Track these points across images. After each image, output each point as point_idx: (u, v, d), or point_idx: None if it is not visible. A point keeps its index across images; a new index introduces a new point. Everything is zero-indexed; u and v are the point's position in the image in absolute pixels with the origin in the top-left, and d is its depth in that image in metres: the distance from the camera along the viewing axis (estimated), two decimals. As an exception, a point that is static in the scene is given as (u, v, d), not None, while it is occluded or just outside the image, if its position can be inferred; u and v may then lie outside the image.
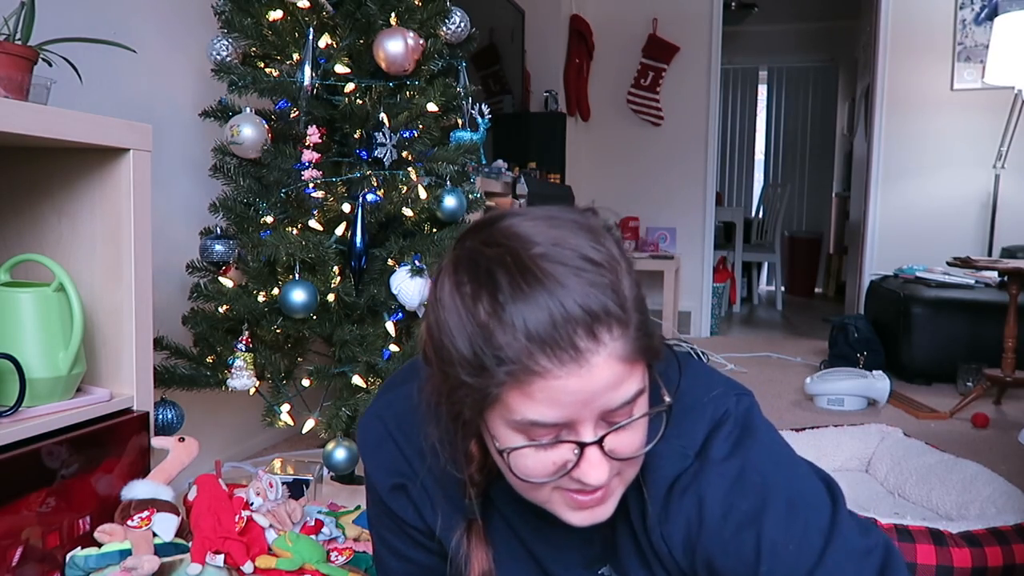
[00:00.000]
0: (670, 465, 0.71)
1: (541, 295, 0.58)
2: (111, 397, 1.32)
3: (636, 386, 0.62)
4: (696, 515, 0.70)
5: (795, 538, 0.67)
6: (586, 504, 0.66)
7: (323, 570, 1.27)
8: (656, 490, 0.72)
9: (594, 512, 0.67)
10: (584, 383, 0.59)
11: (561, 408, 0.60)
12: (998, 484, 1.79)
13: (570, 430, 0.62)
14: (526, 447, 0.63)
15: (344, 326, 1.81)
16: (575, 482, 0.64)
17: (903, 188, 4.48)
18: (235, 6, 1.79)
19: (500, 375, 0.59)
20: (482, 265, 0.61)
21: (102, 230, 1.34)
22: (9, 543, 1.10)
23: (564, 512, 0.67)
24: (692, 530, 0.70)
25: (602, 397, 0.60)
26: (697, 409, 0.73)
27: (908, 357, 3.51)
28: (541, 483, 0.65)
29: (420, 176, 1.86)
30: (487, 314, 0.59)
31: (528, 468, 0.64)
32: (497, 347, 0.59)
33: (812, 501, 0.70)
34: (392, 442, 0.82)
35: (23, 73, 1.18)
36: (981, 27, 4.24)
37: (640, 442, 0.65)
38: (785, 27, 7.55)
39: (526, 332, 0.58)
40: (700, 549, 0.70)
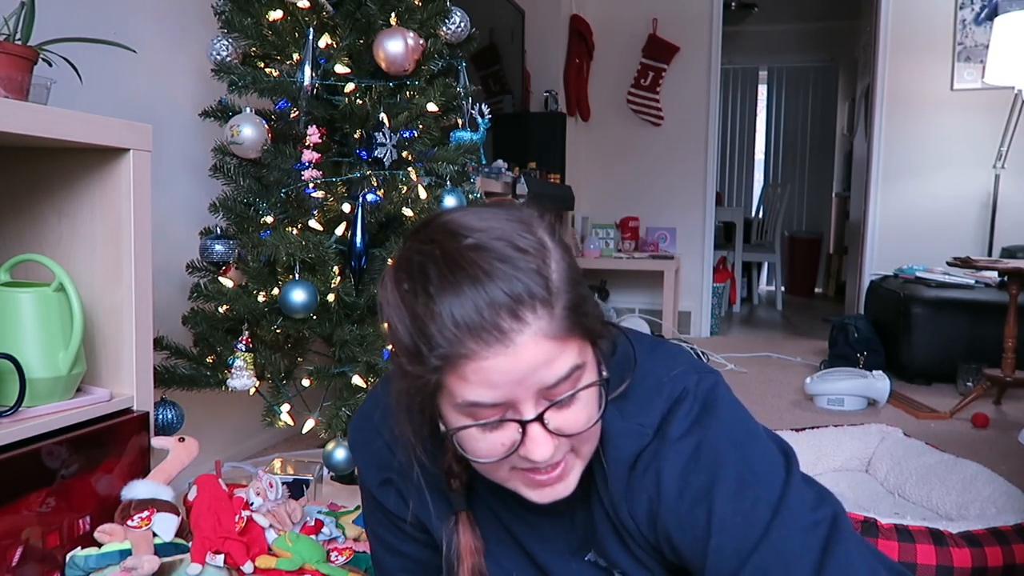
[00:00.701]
0: (629, 443, 0.73)
1: (466, 284, 0.62)
2: (111, 397, 1.32)
3: (570, 362, 0.64)
4: (655, 492, 0.72)
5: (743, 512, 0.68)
6: (543, 483, 0.69)
7: (323, 570, 1.27)
8: (617, 468, 0.74)
9: (555, 489, 0.69)
10: (512, 362, 0.62)
11: (496, 388, 0.63)
12: (998, 484, 1.79)
13: (513, 410, 0.65)
14: (473, 427, 0.65)
15: (344, 326, 1.81)
16: (526, 460, 0.66)
17: (903, 188, 4.48)
18: (235, 6, 1.79)
19: (434, 361, 0.62)
20: (415, 262, 0.65)
21: (102, 230, 1.34)
22: (9, 543, 1.10)
23: (525, 491, 0.70)
24: (653, 506, 0.72)
25: (535, 375, 0.63)
26: (657, 388, 0.74)
27: (908, 357, 3.51)
28: (495, 463, 0.67)
29: (420, 176, 1.86)
30: (421, 306, 0.63)
31: (479, 450, 0.67)
32: (430, 336, 0.62)
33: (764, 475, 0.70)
34: (380, 438, 0.84)
35: (23, 73, 1.18)
36: (981, 27, 4.24)
37: (585, 418, 0.67)
38: (785, 27, 7.55)
39: (452, 319, 0.61)
40: (660, 525, 0.72)
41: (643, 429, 0.73)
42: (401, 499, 0.84)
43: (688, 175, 4.91)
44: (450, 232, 0.65)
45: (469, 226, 0.65)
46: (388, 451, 0.83)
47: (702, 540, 0.69)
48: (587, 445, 0.70)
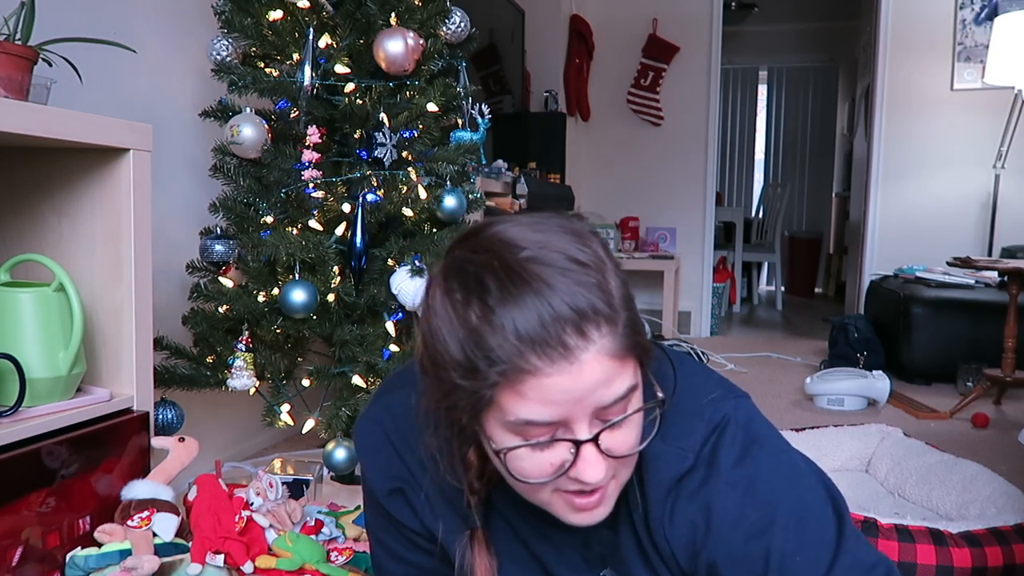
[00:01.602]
0: (670, 466, 0.72)
1: (529, 296, 0.60)
2: (111, 397, 1.32)
3: (628, 382, 0.63)
4: (703, 521, 0.71)
5: (803, 551, 0.68)
6: (585, 506, 0.67)
7: (323, 570, 1.27)
8: (657, 491, 0.73)
9: (593, 513, 0.68)
10: (575, 380, 0.60)
11: (554, 406, 0.61)
12: (998, 484, 1.79)
13: (565, 429, 0.63)
14: (522, 447, 0.63)
15: (344, 326, 1.81)
16: (574, 482, 0.64)
17: (903, 188, 4.48)
18: (235, 6, 1.79)
19: (493, 376, 0.60)
20: (470, 271, 0.62)
21: (102, 230, 1.34)
22: (9, 543, 1.10)
23: (564, 513, 0.68)
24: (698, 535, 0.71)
25: (594, 394, 0.61)
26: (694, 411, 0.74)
27: (908, 357, 3.51)
28: (541, 484, 0.65)
29: (420, 176, 1.86)
30: (477, 318, 0.60)
31: (526, 470, 0.64)
32: (488, 349, 0.60)
33: (819, 516, 0.71)
34: (391, 446, 0.82)
35: (23, 73, 1.18)
36: (981, 27, 4.24)
37: (635, 440, 0.66)
38: (785, 27, 7.55)
39: (516, 333, 0.59)
40: (705, 554, 0.71)
41: (684, 453, 0.72)
42: (410, 509, 0.83)
43: (688, 175, 4.91)
44: (505, 243, 0.62)
45: (524, 238, 0.63)
46: (399, 460, 0.81)
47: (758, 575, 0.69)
48: (626, 469, 0.69)
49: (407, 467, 0.81)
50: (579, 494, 0.66)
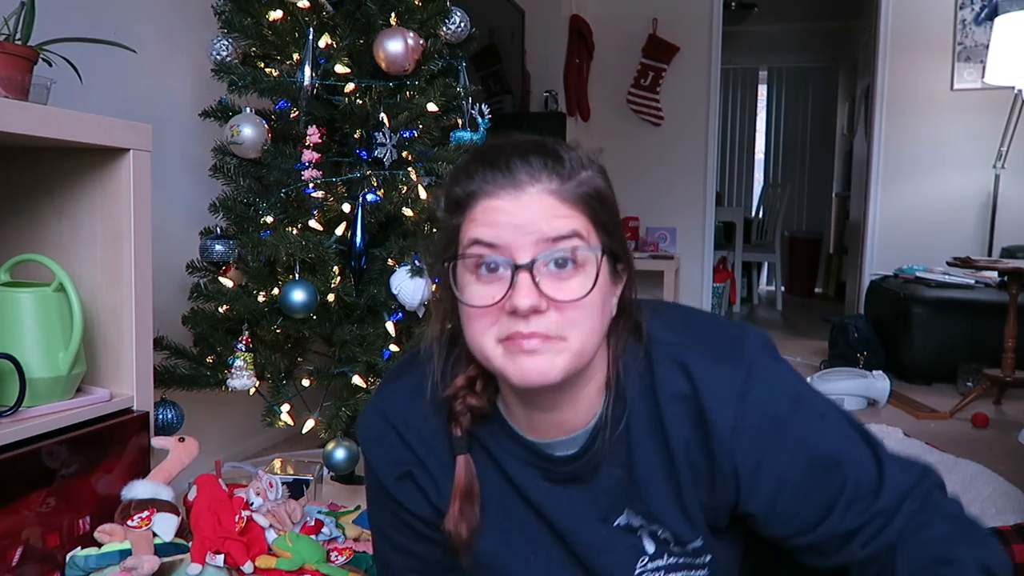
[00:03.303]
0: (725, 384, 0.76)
1: (504, 146, 0.73)
2: (111, 397, 1.32)
3: (571, 226, 0.70)
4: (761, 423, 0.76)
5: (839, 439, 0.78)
6: (525, 348, 0.69)
7: (323, 570, 1.27)
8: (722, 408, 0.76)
9: (532, 360, 0.70)
10: (516, 205, 0.70)
11: (498, 228, 0.70)
12: (998, 484, 1.79)
13: (508, 256, 0.70)
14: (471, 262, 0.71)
15: (344, 326, 1.81)
16: (512, 320, 0.69)
17: (903, 188, 4.48)
18: (235, 6, 1.79)
19: (459, 194, 0.73)
20: None
21: (102, 230, 1.34)
22: (9, 543, 1.10)
23: (507, 365, 0.71)
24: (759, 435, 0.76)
25: (534, 224, 0.69)
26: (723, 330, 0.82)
27: (908, 357, 3.51)
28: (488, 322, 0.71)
29: (420, 176, 1.86)
30: (460, 169, 0.75)
31: (473, 295, 0.71)
32: (463, 184, 0.73)
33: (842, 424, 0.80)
34: (394, 432, 0.85)
35: (23, 73, 1.18)
36: (981, 27, 4.24)
37: (577, 290, 0.70)
38: (785, 27, 7.54)
39: (479, 167, 0.72)
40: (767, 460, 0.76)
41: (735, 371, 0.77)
42: (419, 492, 0.84)
43: (688, 175, 4.91)
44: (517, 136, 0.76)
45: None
46: (403, 444, 0.84)
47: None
48: (578, 334, 0.71)
49: (412, 449, 0.84)
50: (518, 335, 0.69)
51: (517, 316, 0.69)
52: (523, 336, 0.69)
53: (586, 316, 0.71)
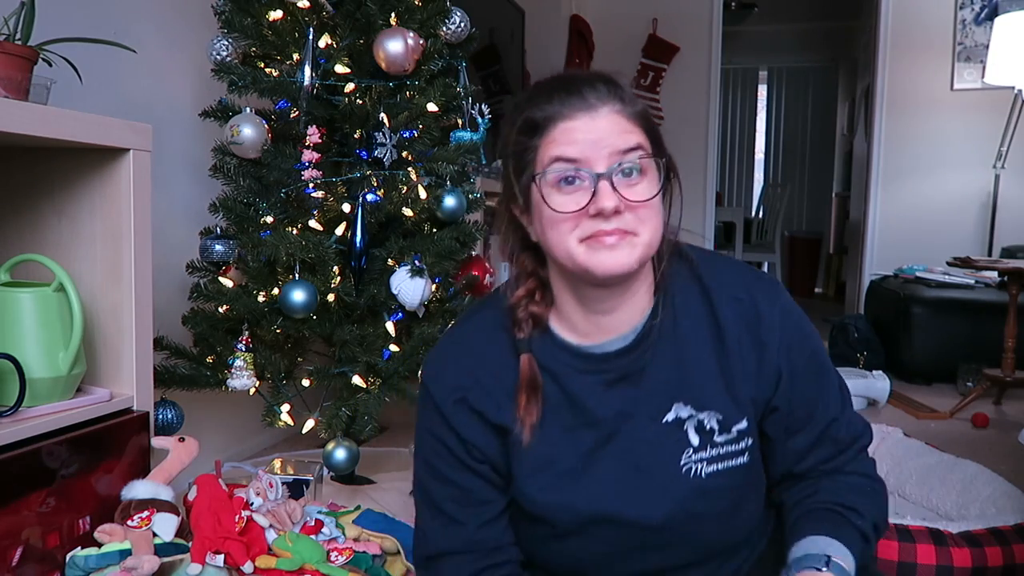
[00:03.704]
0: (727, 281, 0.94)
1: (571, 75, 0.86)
2: (111, 397, 1.32)
3: (635, 140, 0.82)
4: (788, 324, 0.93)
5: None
6: (607, 243, 0.81)
7: (323, 570, 1.27)
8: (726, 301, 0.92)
9: (613, 253, 0.81)
10: (592, 123, 0.81)
11: (576, 144, 0.81)
12: (998, 484, 1.79)
13: (587, 166, 0.81)
14: (555, 177, 0.82)
15: (344, 326, 1.81)
16: (596, 220, 0.81)
17: (903, 188, 4.48)
18: (235, 6, 1.79)
19: (539, 121, 0.83)
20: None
21: (102, 230, 1.34)
22: (9, 543, 1.10)
23: (590, 258, 0.82)
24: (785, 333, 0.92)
25: (608, 139, 0.81)
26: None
27: (908, 357, 3.51)
28: (571, 224, 0.82)
29: (420, 176, 1.86)
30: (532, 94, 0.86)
31: (558, 202, 0.82)
32: (535, 108, 0.83)
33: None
34: (455, 362, 0.94)
35: (23, 73, 1.18)
36: (981, 27, 4.24)
37: (646, 193, 0.82)
38: (785, 27, 7.54)
39: (553, 92, 0.83)
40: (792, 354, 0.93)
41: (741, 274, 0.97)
42: (474, 415, 0.92)
43: (688, 175, 4.87)
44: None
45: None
46: (462, 370, 0.93)
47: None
48: (648, 230, 0.83)
49: (471, 375, 0.92)
50: (602, 232, 0.81)
51: (600, 217, 0.80)
52: (606, 233, 0.81)
53: (652, 215, 0.83)
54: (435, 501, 0.96)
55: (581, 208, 0.81)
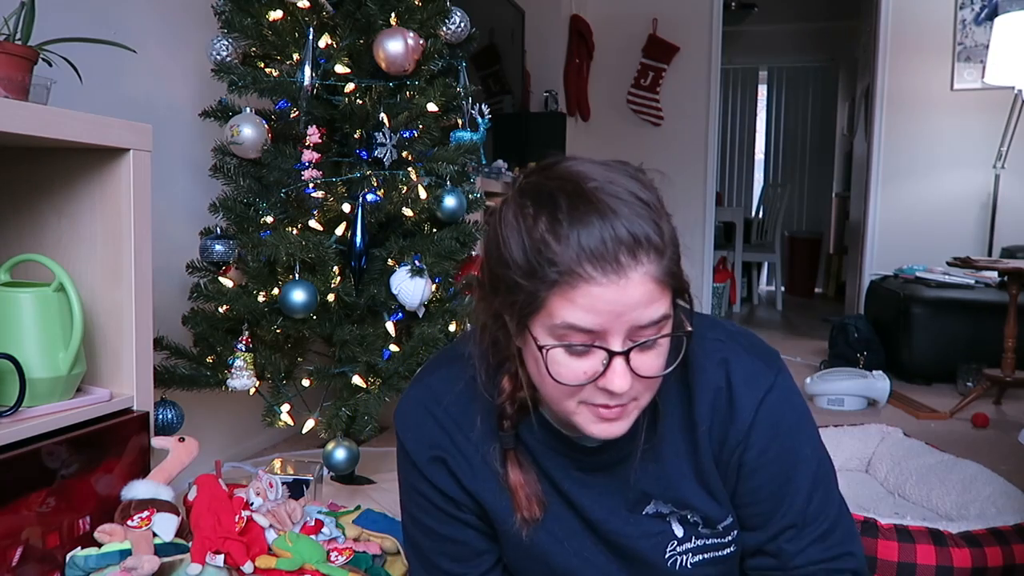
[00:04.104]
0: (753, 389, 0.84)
1: (594, 216, 0.68)
2: (111, 397, 1.32)
3: (663, 309, 0.71)
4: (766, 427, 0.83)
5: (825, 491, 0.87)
6: (608, 417, 0.74)
7: (323, 570, 1.27)
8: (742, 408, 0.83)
9: (612, 426, 0.75)
10: (620, 294, 0.68)
11: (597, 315, 0.69)
12: (998, 484, 1.79)
13: (602, 340, 0.70)
14: (562, 349, 0.71)
15: (344, 326, 1.81)
16: (601, 393, 0.72)
17: (903, 188, 4.48)
18: (235, 6, 1.79)
19: (551, 276, 0.68)
20: (544, 192, 0.71)
21: (102, 230, 1.34)
22: (9, 543, 1.10)
23: (587, 424, 0.75)
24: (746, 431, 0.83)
25: (634, 311, 0.69)
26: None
27: (908, 357, 3.51)
28: (571, 389, 0.73)
29: (420, 176, 1.86)
30: (546, 228, 0.69)
31: (562, 373, 0.72)
32: (552, 254, 0.68)
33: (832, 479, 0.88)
34: (431, 417, 0.88)
35: (23, 73, 1.18)
36: (981, 27, 4.24)
37: (660, 365, 0.74)
38: (785, 27, 7.54)
39: (578, 244, 0.68)
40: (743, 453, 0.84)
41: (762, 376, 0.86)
42: (451, 477, 0.87)
43: (688, 175, 4.91)
44: (577, 173, 0.72)
45: (594, 172, 0.72)
46: (439, 429, 0.87)
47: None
48: (648, 393, 0.76)
49: (448, 435, 0.86)
50: (604, 407, 0.73)
51: (606, 393, 0.72)
52: (609, 409, 0.74)
53: (655, 382, 0.76)
54: (428, 557, 0.92)
55: (590, 381, 0.72)
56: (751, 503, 0.85)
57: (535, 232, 0.70)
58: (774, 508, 0.84)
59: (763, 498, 0.84)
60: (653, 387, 0.76)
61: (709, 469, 0.84)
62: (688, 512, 0.85)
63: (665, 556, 0.85)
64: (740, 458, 0.83)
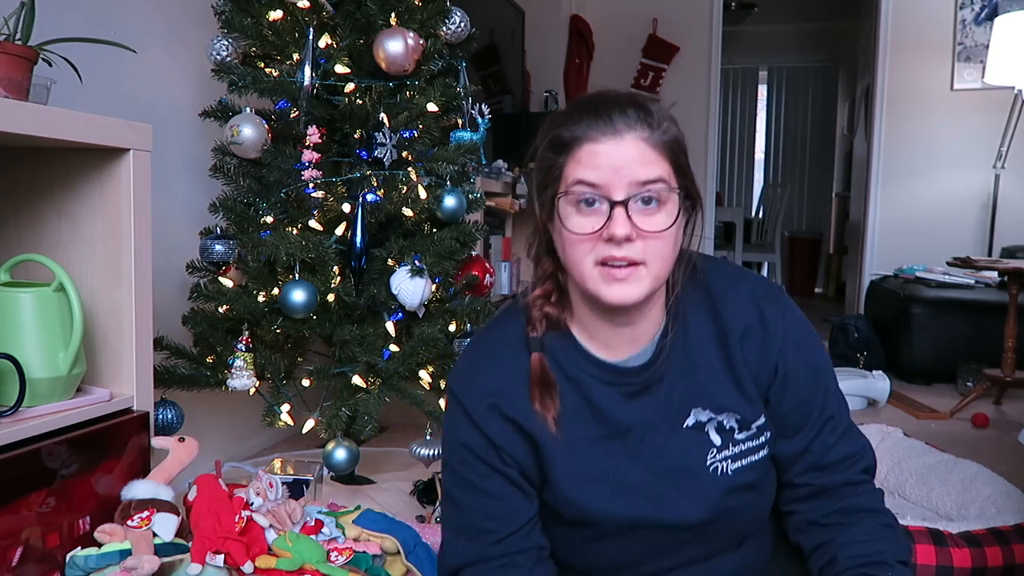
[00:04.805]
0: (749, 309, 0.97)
1: (600, 97, 0.87)
2: (111, 397, 1.32)
3: (658, 171, 0.84)
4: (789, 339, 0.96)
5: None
6: (618, 277, 0.85)
7: (323, 570, 1.27)
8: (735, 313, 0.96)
9: (623, 286, 0.85)
10: (615, 149, 0.83)
11: (599, 170, 0.83)
12: (998, 484, 1.79)
13: (606, 192, 0.84)
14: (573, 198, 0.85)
15: (344, 326, 1.81)
16: (609, 246, 0.84)
17: (903, 188, 4.48)
18: (235, 6, 1.79)
19: (566, 141, 0.86)
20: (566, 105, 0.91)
21: (102, 230, 1.34)
22: (9, 543, 1.10)
23: (601, 287, 0.86)
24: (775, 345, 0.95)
25: (630, 166, 0.83)
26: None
27: (908, 357, 3.51)
28: (586, 247, 0.85)
29: (420, 176, 1.86)
30: (562, 116, 0.88)
31: (575, 224, 0.85)
32: (567, 130, 0.86)
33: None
34: (482, 370, 0.96)
35: (23, 73, 1.18)
36: (981, 27, 4.24)
37: (661, 223, 0.85)
38: (785, 27, 7.54)
39: (581, 114, 0.85)
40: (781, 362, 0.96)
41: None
42: (505, 420, 0.94)
43: (688, 175, 4.91)
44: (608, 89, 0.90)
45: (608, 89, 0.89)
46: (491, 377, 0.95)
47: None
48: (657, 261, 0.86)
49: (500, 380, 0.94)
50: (613, 263, 0.84)
51: (612, 243, 0.83)
52: (615, 263, 0.84)
53: (664, 246, 0.86)
54: (463, 512, 0.97)
55: (595, 231, 0.84)
56: (792, 410, 0.95)
57: (557, 120, 0.88)
58: (810, 412, 0.95)
59: (802, 402, 0.95)
60: (658, 251, 0.85)
61: (742, 373, 0.94)
62: (725, 416, 0.94)
63: (707, 464, 0.94)
64: (779, 367, 0.94)
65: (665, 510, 0.93)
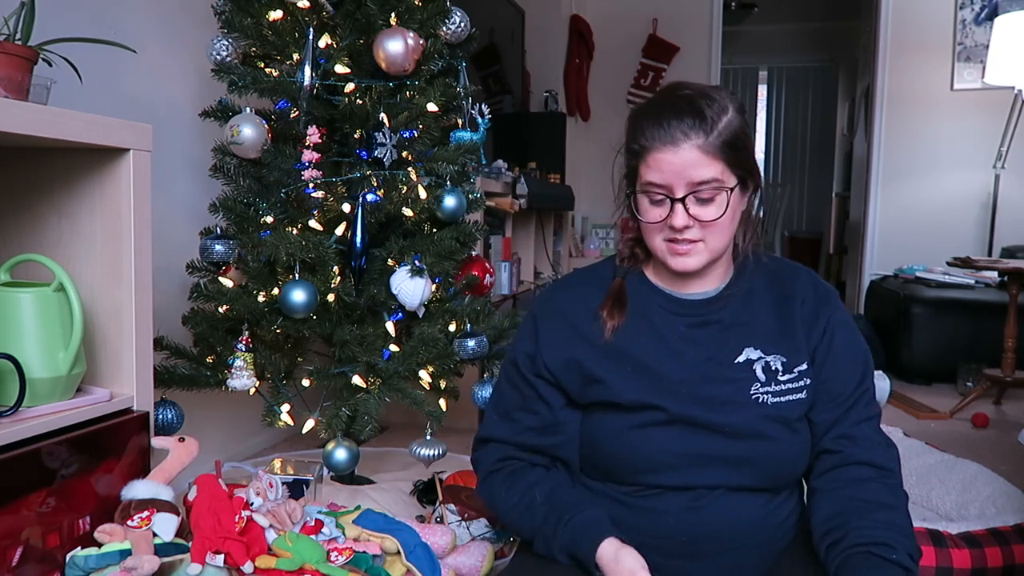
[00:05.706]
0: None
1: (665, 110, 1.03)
2: (111, 397, 1.32)
3: (712, 173, 1.02)
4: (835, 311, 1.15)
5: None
6: (679, 251, 1.06)
7: (323, 570, 1.27)
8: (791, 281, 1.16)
9: (684, 259, 1.07)
10: (674, 157, 1.01)
11: (662, 173, 1.03)
12: (998, 484, 1.79)
13: (669, 192, 1.03)
14: (645, 196, 1.07)
15: (344, 326, 1.81)
16: (671, 231, 1.05)
17: (903, 188, 4.48)
18: (235, 6, 1.79)
19: (636, 147, 1.06)
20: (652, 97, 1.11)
21: (102, 230, 1.34)
22: (9, 543, 1.10)
23: (667, 256, 1.08)
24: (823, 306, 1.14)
25: (687, 171, 1.01)
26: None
27: (908, 357, 3.51)
28: (656, 228, 1.06)
29: (420, 176, 1.86)
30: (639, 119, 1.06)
31: (646, 213, 1.07)
32: (638, 137, 1.06)
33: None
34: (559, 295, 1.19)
35: (23, 73, 1.18)
36: (981, 27, 4.24)
37: (715, 213, 1.04)
38: (785, 27, 7.54)
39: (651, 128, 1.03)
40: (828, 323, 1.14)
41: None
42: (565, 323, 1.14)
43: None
44: (676, 84, 1.09)
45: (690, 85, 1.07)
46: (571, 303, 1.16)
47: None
48: (714, 239, 1.06)
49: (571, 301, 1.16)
50: (675, 241, 1.05)
51: (673, 230, 1.04)
52: (677, 242, 1.05)
53: (718, 230, 1.05)
54: (503, 399, 1.19)
55: (662, 220, 1.05)
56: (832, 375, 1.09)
57: (636, 122, 1.07)
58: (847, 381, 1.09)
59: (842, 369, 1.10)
60: (715, 234, 1.05)
61: (795, 325, 1.10)
62: (772, 358, 1.09)
63: (750, 393, 1.08)
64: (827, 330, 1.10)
65: (708, 412, 1.06)
